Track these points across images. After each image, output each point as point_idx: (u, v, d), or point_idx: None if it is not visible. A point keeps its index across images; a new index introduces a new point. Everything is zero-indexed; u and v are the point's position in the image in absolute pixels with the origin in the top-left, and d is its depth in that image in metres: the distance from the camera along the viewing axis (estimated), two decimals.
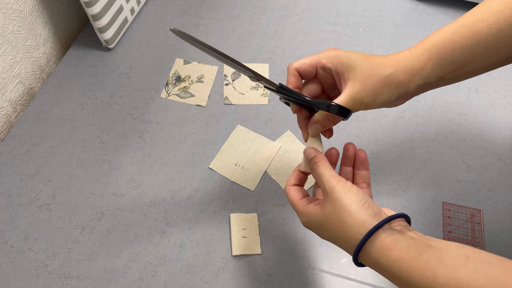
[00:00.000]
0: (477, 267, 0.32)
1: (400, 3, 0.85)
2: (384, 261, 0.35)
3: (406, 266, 0.34)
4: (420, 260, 0.34)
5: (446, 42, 0.41)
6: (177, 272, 0.56)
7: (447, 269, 0.32)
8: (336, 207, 0.38)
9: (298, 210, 0.43)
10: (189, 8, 0.84)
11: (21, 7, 0.68)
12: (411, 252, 0.34)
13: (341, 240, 0.39)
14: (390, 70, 0.41)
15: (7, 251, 0.57)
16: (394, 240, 0.36)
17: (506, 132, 0.68)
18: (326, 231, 0.40)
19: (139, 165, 0.64)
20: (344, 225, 0.38)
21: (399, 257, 0.35)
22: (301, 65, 0.44)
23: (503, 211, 0.60)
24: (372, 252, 0.36)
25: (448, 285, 0.32)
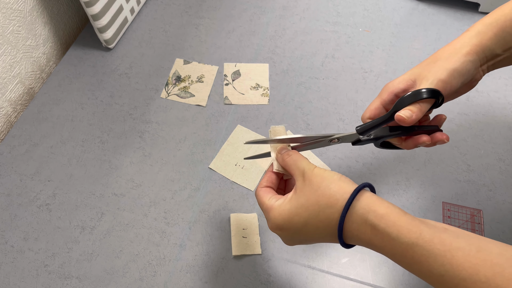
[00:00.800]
0: (457, 233, 0.34)
1: (400, 3, 0.85)
2: (373, 216, 0.36)
3: (394, 220, 0.35)
4: (406, 218, 0.35)
5: (507, 16, 0.43)
6: (177, 272, 0.56)
7: (430, 229, 0.34)
8: (318, 180, 0.39)
9: (267, 207, 0.42)
10: (189, 8, 0.84)
11: (21, 7, 0.68)
12: (397, 210, 0.36)
13: (325, 209, 0.38)
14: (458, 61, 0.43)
15: (7, 251, 0.57)
16: (379, 199, 0.37)
17: (506, 132, 0.68)
18: (306, 209, 0.39)
19: (139, 165, 0.64)
20: (328, 191, 0.38)
21: (386, 212, 0.36)
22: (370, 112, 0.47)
23: (503, 211, 0.60)
24: (360, 208, 0.37)
25: (433, 242, 0.33)
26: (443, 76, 0.42)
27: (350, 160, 0.65)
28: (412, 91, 0.43)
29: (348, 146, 0.66)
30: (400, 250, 0.34)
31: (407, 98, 0.43)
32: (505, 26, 0.43)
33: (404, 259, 0.34)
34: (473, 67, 0.44)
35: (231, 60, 0.76)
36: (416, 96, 0.42)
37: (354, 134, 0.46)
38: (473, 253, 0.32)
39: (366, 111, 0.47)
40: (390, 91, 0.46)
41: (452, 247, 0.32)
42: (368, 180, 0.63)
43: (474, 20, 0.81)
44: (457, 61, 0.43)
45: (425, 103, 0.43)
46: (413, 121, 0.42)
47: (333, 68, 0.75)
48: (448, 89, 0.43)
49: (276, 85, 0.73)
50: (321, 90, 0.73)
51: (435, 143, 0.45)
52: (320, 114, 0.70)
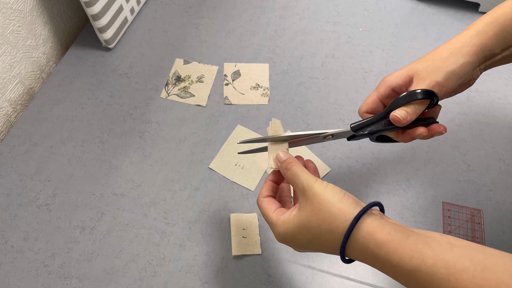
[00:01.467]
0: (462, 251, 0.33)
1: (400, 3, 0.85)
2: (373, 244, 0.35)
3: (395, 247, 0.34)
4: (408, 243, 0.34)
5: (508, 15, 0.43)
6: (177, 272, 0.56)
7: (434, 252, 0.33)
8: (318, 201, 0.38)
9: (272, 222, 0.42)
10: (189, 8, 0.84)
11: (21, 7, 0.68)
12: (398, 235, 0.35)
13: (326, 234, 0.38)
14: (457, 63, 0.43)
15: (7, 251, 0.57)
16: (381, 224, 0.36)
17: (506, 132, 0.68)
18: (308, 231, 0.39)
19: (139, 165, 0.64)
20: (328, 216, 0.37)
21: (387, 239, 0.35)
22: (367, 106, 0.47)
23: (503, 211, 0.60)
24: (361, 237, 0.36)
25: (436, 267, 0.32)
26: (439, 78, 0.42)
27: (350, 160, 0.65)
28: (408, 92, 0.43)
29: (348, 146, 0.66)
30: (403, 277, 0.34)
31: (402, 98, 0.43)
32: (505, 25, 0.43)
33: (408, 283, 0.34)
34: (471, 68, 0.44)
35: (231, 60, 0.76)
36: (411, 97, 0.42)
37: (348, 131, 0.46)
38: (477, 273, 0.31)
39: (363, 104, 0.47)
40: (387, 85, 0.46)
41: (456, 269, 0.32)
42: (368, 180, 0.63)
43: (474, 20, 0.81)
44: (455, 62, 0.43)
45: (420, 104, 0.43)
46: (408, 122, 0.42)
47: (333, 68, 0.75)
48: (444, 90, 0.43)
49: (276, 85, 0.73)
50: (321, 90, 0.73)
51: (432, 135, 0.45)
52: (320, 114, 0.70)
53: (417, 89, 0.42)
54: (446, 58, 0.43)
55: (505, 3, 0.45)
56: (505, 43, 0.44)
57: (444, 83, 0.42)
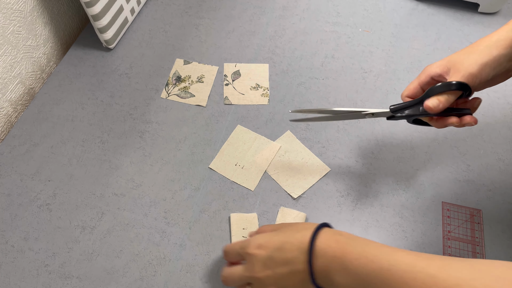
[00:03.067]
0: None
1: (400, 3, 0.85)
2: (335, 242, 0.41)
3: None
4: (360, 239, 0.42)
5: None
6: (177, 272, 0.56)
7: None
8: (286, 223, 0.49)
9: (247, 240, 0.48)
10: (189, 8, 0.84)
11: (21, 7, 0.68)
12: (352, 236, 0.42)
13: (301, 230, 0.44)
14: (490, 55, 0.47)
15: (7, 251, 0.57)
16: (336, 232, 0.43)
17: (506, 132, 0.68)
18: (282, 232, 0.46)
19: (139, 165, 0.65)
20: (299, 225, 0.46)
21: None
22: (408, 91, 0.53)
23: (503, 211, 0.60)
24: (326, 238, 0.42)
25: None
26: (473, 70, 0.46)
27: (350, 160, 0.65)
28: (443, 83, 0.47)
29: (348, 146, 0.66)
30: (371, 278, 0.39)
31: (437, 88, 0.48)
32: None
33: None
34: (505, 60, 0.46)
35: (231, 60, 0.76)
36: (446, 87, 0.47)
37: (387, 111, 0.53)
38: None
39: (405, 90, 0.53)
40: (427, 74, 0.51)
41: None
42: (368, 180, 0.63)
43: (474, 20, 0.82)
44: (489, 54, 0.46)
45: (452, 94, 0.47)
46: (440, 110, 0.47)
47: (333, 68, 0.75)
48: (478, 81, 0.47)
49: (276, 85, 0.73)
50: (321, 90, 0.73)
51: (463, 124, 0.50)
52: None
53: (452, 81, 0.46)
54: (481, 51, 0.46)
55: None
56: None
57: (477, 74, 0.46)
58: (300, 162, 0.64)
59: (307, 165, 0.64)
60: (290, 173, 0.63)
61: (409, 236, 0.58)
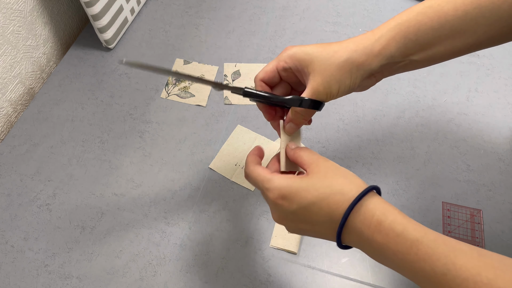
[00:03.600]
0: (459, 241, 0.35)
1: (400, 3, 0.85)
2: (380, 212, 0.36)
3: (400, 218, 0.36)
4: (411, 220, 0.36)
5: (411, 22, 0.41)
6: (177, 272, 0.56)
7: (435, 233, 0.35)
8: (333, 168, 0.39)
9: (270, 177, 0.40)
10: (189, 8, 0.84)
11: (21, 7, 0.68)
12: (403, 214, 0.37)
13: (336, 195, 0.37)
14: (347, 55, 0.41)
15: (7, 251, 0.57)
16: (387, 202, 0.38)
17: (506, 132, 0.68)
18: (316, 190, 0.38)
19: (139, 165, 0.65)
20: (343, 179, 0.38)
21: (393, 212, 0.36)
22: (264, 74, 0.45)
23: (503, 211, 0.60)
24: (370, 203, 0.37)
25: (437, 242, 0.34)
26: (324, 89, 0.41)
27: (350, 160, 0.65)
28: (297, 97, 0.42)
29: (348, 146, 0.66)
30: (405, 247, 0.34)
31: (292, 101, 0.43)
32: (407, 33, 0.41)
33: (408, 256, 0.34)
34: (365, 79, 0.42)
35: (231, 60, 0.76)
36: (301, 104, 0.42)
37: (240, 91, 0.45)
38: (475, 256, 0.32)
39: (261, 72, 0.45)
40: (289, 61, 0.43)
41: (455, 248, 0.33)
42: (368, 180, 0.63)
43: None
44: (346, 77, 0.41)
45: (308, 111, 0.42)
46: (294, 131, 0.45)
47: None
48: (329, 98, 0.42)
49: None
50: None
51: None
52: (320, 114, 0.70)
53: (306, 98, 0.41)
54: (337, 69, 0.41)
55: (410, 9, 0.42)
56: (406, 50, 0.41)
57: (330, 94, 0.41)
58: None
59: None
60: None
61: None
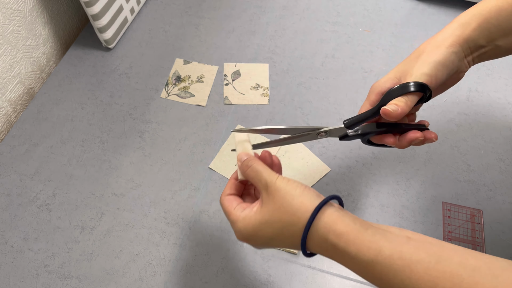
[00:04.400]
0: (418, 244, 0.33)
1: (400, 3, 0.85)
2: (333, 235, 0.35)
3: (353, 238, 0.35)
4: (366, 234, 0.35)
5: (492, 8, 0.43)
6: (177, 272, 0.56)
7: (391, 244, 0.34)
8: (280, 195, 0.38)
9: (233, 220, 0.41)
10: (189, 8, 0.84)
11: (21, 7, 0.68)
12: (357, 227, 0.35)
13: (288, 227, 0.38)
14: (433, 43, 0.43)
15: (7, 251, 0.57)
16: (340, 215, 0.37)
17: (506, 132, 0.68)
18: (270, 226, 0.38)
19: (139, 165, 0.64)
20: (290, 209, 0.37)
21: (346, 230, 0.35)
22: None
23: (503, 211, 0.60)
24: (321, 227, 0.36)
25: (392, 258, 0.33)
26: (426, 69, 0.42)
27: (350, 160, 0.65)
28: (400, 84, 0.43)
29: (348, 146, 0.66)
30: (361, 267, 0.35)
31: (394, 91, 0.42)
32: (489, 18, 0.42)
33: (366, 275, 0.35)
34: (457, 59, 0.43)
35: (231, 60, 0.76)
36: (403, 89, 0.42)
37: (341, 128, 0.45)
38: (432, 264, 0.32)
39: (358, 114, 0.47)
40: (377, 92, 0.45)
41: (411, 260, 0.32)
42: (368, 180, 0.63)
43: None
44: (440, 53, 0.42)
45: (412, 96, 0.42)
46: (399, 115, 0.41)
47: (333, 68, 0.75)
48: (434, 82, 0.42)
49: (276, 85, 0.73)
50: (321, 90, 0.73)
51: (426, 140, 0.45)
52: (320, 114, 0.70)
53: (409, 82, 0.42)
54: (430, 51, 0.43)
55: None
56: (489, 35, 0.43)
57: (432, 74, 0.42)
58: (300, 162, 0.64)
59: (307, 165, 0.64)
60: (290, 173, 0.63)
61: None
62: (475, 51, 0.44)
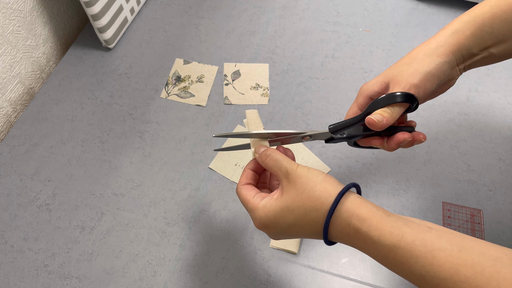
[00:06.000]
0: (440, 234, 0.34)
1: (400, 3, 0.85)
2: (356, 220, 0.36)
3: (376, 223, 0.35)
4: (389, 220, 0.35)
5: (486, 15, 0.42)
6: (177, 272, 0.56)
7: (413, 230, 0.34)
8: (302, 181, 0.39)
9: (252, 207, 0.41)
10: (189, 8, 0.84)
11: (21, 7, 0.68)
12: (380, 212, 0.36)
13: (310, 212, 0.38)
14: (425, 51, 0.42)
15: (7, 251, 0.57)
16: (363, 201, 0.37)
17: (506, 132, 0.68)
18: (292, 212, 0.39)
19: (139, 165, 0.64)
20: (313, 194, 0.38)
21: (369, 215, 0.36)
22: (349, 118, 0.46)
23: (503, 211, 0.60)
24: (344, 212, 0.37)
25: (414, 244, 0.33)
26: (415, 80, 0.41)
27: (350, 160, 0.65)
28: (386, 94, 0.42)
29: (348, 146, 0.66)
30: (382, 252, 0.35)
31: (380, 100, 0.42)
32: (483, 25, 0.42)
33: (387, 260, 0.35)
34: (449, 68, 0.42)
35: (231, 60, 0.76)
36: (390, 100, 0.41)
37: (326, 132, 0.46)
38: (454, 252, 0.32)
39: (345, 117, 0.46)
40: (364, 95, 0.45)
41: (433, 247, 0.33)
42: (368, 180, 0.63)
43: None
44: (431, 63, 0.41)
45: (398, 107, 0.42)
46: (384, 126, 0.41)
47: (333, 68, 0.75)
48: (422, 93, 0.42)
49: (276, 85, 0.73)
50: (321, 90, 0.73)
51: (414, 142, 0.45)
52: (320, 114, 0.70)
53: (396, 92, 0.41)
54: (421, 60, 0.42)
55: (484, 2, 0.43)
56: (483, 43, 0.42)
57: (421, 85, 0.41)
58: (300, 162, 0.64)
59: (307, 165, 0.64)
60: None
61: None
62: (468, 59, 0.43)
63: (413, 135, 0.44)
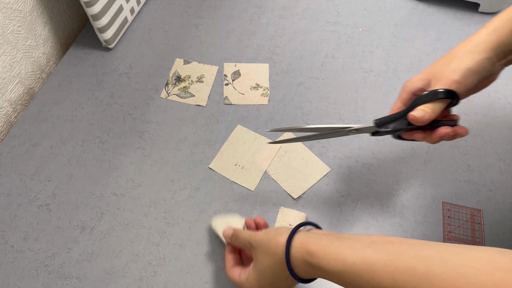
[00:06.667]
0: (379, 246, 0.36)
1: (400, 3, 0.85)
2: (308, 256, 0.40)
3: (322, 254, 0.39)
4: (332, 247, 0.39)
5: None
6: (177, 272, 0.56)
7: (354, 251, 0.37)
8: (262, 244, 0.44)
9: (240, 284, 0.47)
10: (189, 8, 0.84)
11: (21, 7, 0.68)
12: (324, 242, 0.40)
13: (276, 266, 0.42)
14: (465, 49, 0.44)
15: (7, 251, 0.57)
16: (308, 237, 0.41)
17: (506, 132, 0.68)
18: (264, 273, 0.44)
19: (139, 165, 0.64)
20: (270, 251, 0.43)
21: (316, 248, 0.39)
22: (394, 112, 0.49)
23: (503, 211, 0.60)
24: (297, 253, 0.41)
25: (355, 264, 0.36)
26: (456, 77, 0.43)
27: (350, 160, 0.65)
28: (429, 91, 0.44)
29: (348, 146, 0.66)
30: (336, 278, 0.38)
31: (423, 97, 0.44)
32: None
33: (343, 283, 0.38)
34: (489, 64, 0.44)
35: (231, 60, 0.76)
36: (432, 96, 0.44)
37: (372, 126, 0.49)
38: (390, 262, 0.34)
39: (390, 111, 0.50)
40: (408, 91, 0.48)
41: (372, 262, 0.35)
42: (368, 180, 0.63)
43: (474, 20, 0.81)
44: (471, 60, 0.43)
45: (440, 103, 0.44)
46: (426, 121, 0.44)
47: (333, 68, 0.75)
48: (463, 88, 0.44)
49: (276, 85, 0.73)
50: (321, 90, 0.73)
51: (456, 136, 0.47)
52: (320, 114, 0.70)
53: (439, 89, 0.43)
54: (462, 57, 0.44)
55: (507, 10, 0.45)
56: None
57: (462, 81, 0.43)
58: (300, 162, 0.64)
59: (307, 165, 0.64)
60: (290, 173, 0.63)
61: (409, 236, 0.58)
62: (509, 54, 0.45)
63: (455, 129, 0.46)
